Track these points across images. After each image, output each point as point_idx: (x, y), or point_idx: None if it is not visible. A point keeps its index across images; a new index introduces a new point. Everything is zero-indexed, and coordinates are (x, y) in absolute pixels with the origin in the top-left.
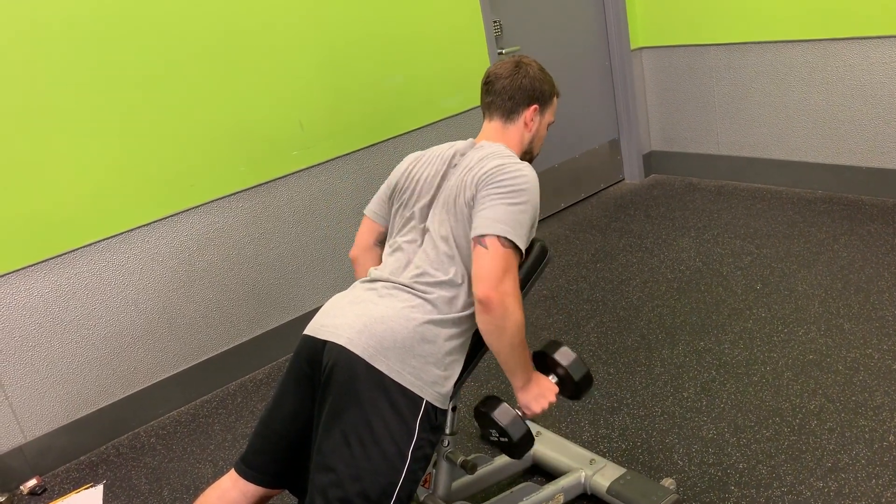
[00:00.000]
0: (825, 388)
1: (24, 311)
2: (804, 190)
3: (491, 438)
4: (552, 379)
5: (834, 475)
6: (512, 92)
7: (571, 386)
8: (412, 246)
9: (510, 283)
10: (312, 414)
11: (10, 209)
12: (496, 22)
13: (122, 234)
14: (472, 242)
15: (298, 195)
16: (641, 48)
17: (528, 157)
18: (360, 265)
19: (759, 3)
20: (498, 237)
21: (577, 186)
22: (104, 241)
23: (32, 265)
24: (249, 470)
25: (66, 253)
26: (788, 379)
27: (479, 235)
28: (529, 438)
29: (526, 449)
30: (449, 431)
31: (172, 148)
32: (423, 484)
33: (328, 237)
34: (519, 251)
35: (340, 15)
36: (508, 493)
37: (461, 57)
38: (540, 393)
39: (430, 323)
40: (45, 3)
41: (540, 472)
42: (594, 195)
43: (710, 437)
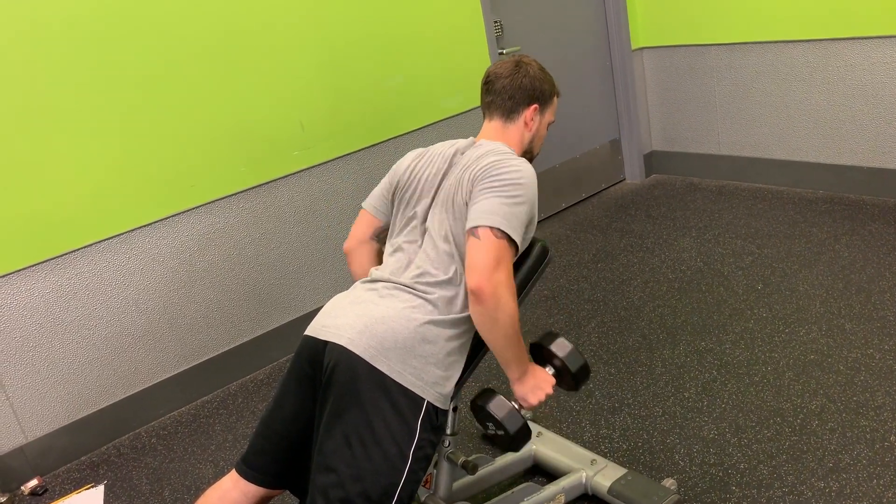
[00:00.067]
0: (826, 388)
1: (24, 311)
2: (805, 190)
3: (488, 432)
4: (549, 370)
5: (835, 475)
6: (512, 91)
7: (569, 377)
8: (413, 246)
9: (503, 273)
10: (313, 414)
11: (10, 209)
12: (497, 22)
13: (122, 234)
14: (465, 235)
15: (299, 195)
16: (642, 48)
17: (528, 156)
18: (354, 258)
19: (759, 3)
20: (490, 228)
21: (577, 186)
22: (105, 241)
23: (33, 265)
24: (250, 470)
25: (66, 253)
26: (790, 379)
27: (472, 227)
28: (526, 431)
29: (523, 442)
30: (450, 432)
31: (173, 148)
32: (424, 484)
33: (329, 237)
34: (514, 244)
35: (341, 15)
36: (509, 493)
37: (462, 57)
38: (536, 385)
39: (430, 323)
40: (44, 3)
41: (541, 472)
42: (595, 195)
43: (711, 437)
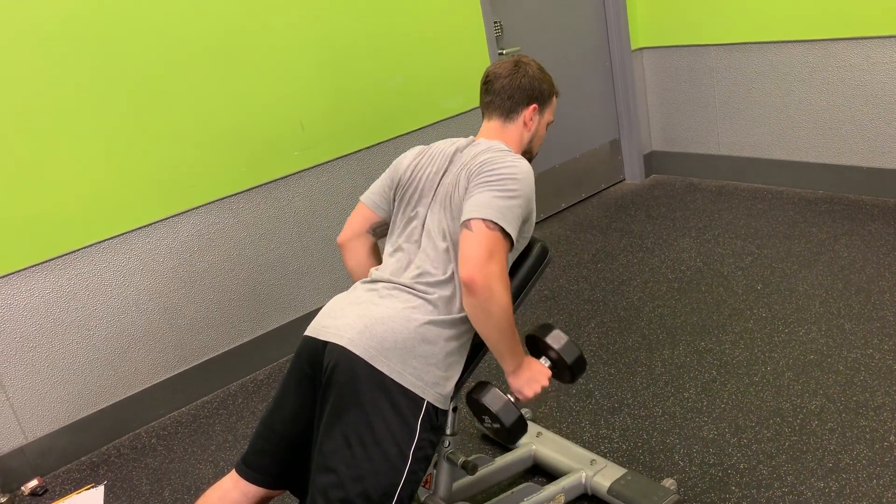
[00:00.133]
0: (826, 388)
1: (25, 311)
2: (805, 190)
3: (485, 425)
4: (545, 363)
5: (835, 475)
6: (511, 91)
7: (565, 369)
8: (413, 246)
9: (496, 265)
10: (313, 415)
11: (10, 210)
12: (497, 22)
13: (122, 234)
14: (460, 230)
15: (299, 196)
16: (642, 48)
17: (527, 156)
18: (349, 252)
19: (759, 3)
20: (483, 220)
21: (577, 187)
22: (105, 241)
23: (33, 266)
24: (250, 471)
25: (66, 254)
26: (789, 379)
27: (465, 220)
28: (522, 424)
29: (519, 434)
30: (450, 432)
31: (173, 148)
32: (423, 485)
33: (329, 238)
34: (508, 238)
35: (341, 15)
36: (509, 493)
37: (462, 57)
38: (532, 377)
39: (430, 324)
40: (44, 3)
41: (541, 472)
42: (595, 195)
43: (710, 437)
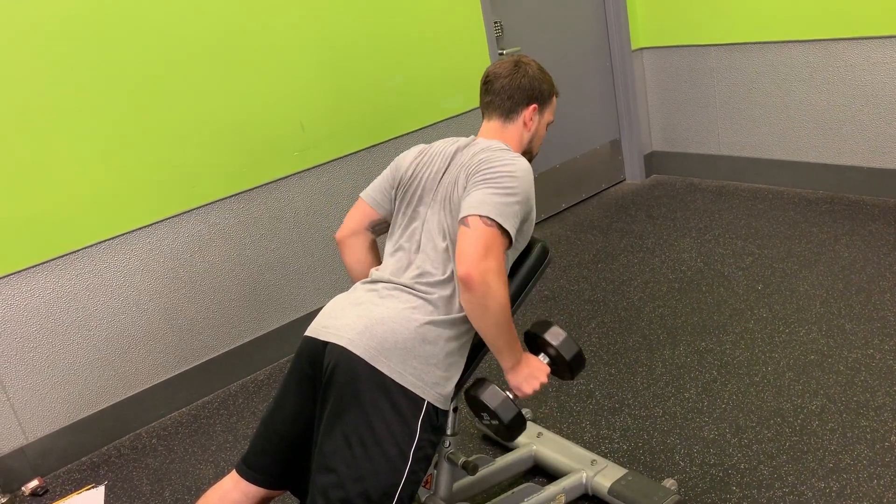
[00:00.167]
0: (826, 388)
1: (25, 312)
2: (805, 190)
3: (483, 422)
4: (543, 359)
5: (836, 476)
6: (511, 91)
7: (563, 366)
8: (413, 246)
9: (493, 261)
10: (314, 415)
11: (11, 210)
12: (497, 22)
13: (123, 235)
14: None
15: (299, 196)
16: (642, 48)
17: (527, 156)
18: (347, 248)
19: (759, 3)
20: (480, 216)
21: (578, 187)
22: (105, 242)
23: (33, 266)
24: (251, 471)
25: (67, 254)
26: (790, 379)
27: (462, 217)
28: (520, 420)
29: (517, 431)
30: (450, 432)
31: (173, 149)
32: (424, 485)
33: (329, 238)
34: (506, 235)
35: (341, 15)
36: (510, 493)
37: (462, 57)
38: (530, 374)
39: (430, 324)
40: (44, 3)
41: (541, 472)
42: (595, 196)
43: (711, 437)
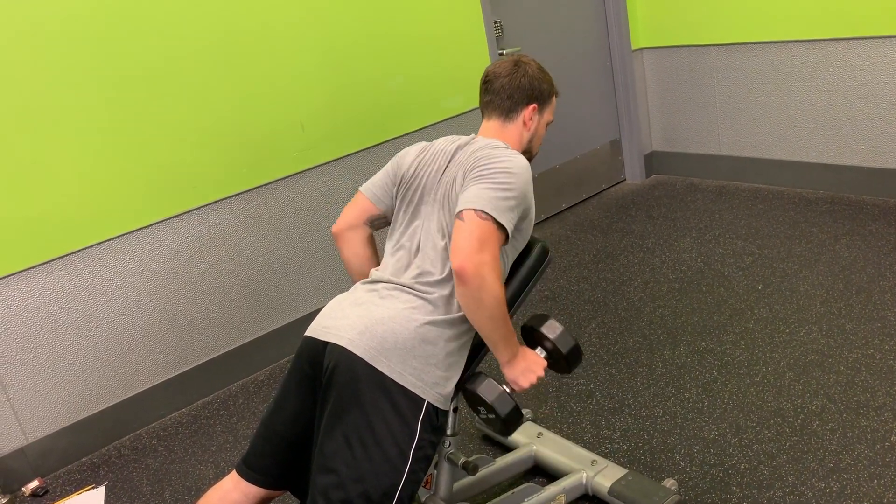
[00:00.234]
0: (827, 388)
1: (25, 312)
2: (805, 190)
3: (480, 416)
4: (540, 353)
5: (836, 476)
6: (510, 91)
7: (560, 360)
8: (414, 246)
9: (487, 254)
10: (314, 415)
11: (11, 211)
12: (497, 23)
13: (123, 235)
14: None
15: (300, 196)
16: (642, 49)
17: (527, 156)
18: (344, 242)
19: (759, 3)
20: (475, 210)
21: (578, 187)
22: (105, 242)
23: (34, 267)
24: (251, 471)
25: (67, 255)
26: (790, 379)
27: (457, 212)
28: (517, 414)
29: (514, 425)
30: (450, 432)
31: (173, 149)
32: (424, 485)
33: (329, 238)
34: (503, 229)
35: (341, 15)
36: (510, 493)
37: (462, 58)
38: (527, 367)
39: (430, 324)
40: (44, 3)
41: (541, 473)
42: (595, 196)
43: (711, 437)
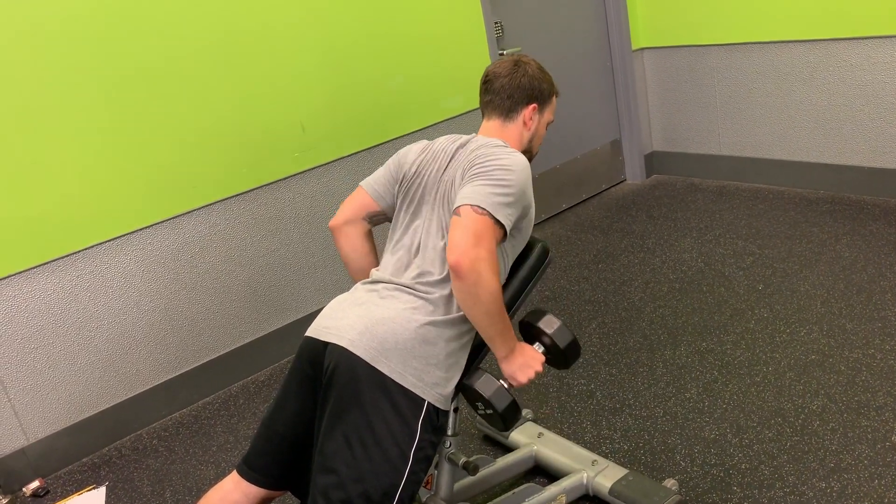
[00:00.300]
0: (827, 388)
1: (26, 313)
2: (806, 190)
3: (478, 412)
4: (538, 348)
5: (837, 476)
6: (511, 91)
7: (558, 355)
8: (414, 246)
9: (484, 250)
10: (314, 415)
11: (11, 211)
12: (497, 23)
13: (123, 236)
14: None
15: (300, 197)
16: (643, 49)
17: (527, 156)
18: (343, 236)
19: (759, 3)
20: (471, 206)
21: (578, 187)
22: (106, 243)
23: (34, 267)
24: (251, 471)
25: (67, 255)
26: (791, 379)
27: (454, 209)
28: (515, 409)
29: (512, 420)
30: (451, 433)
31: (174, 150)
32: (425, 485)
33: (330, 238)
34: (500, 225)
35: (341, 16)
36: (511, 494)
37: (462, 58)
38: (525, 363)
39: (431, 324)
40: (45, 3)
41: (542, 473)
42: (596, 196)
43: (712, 437)
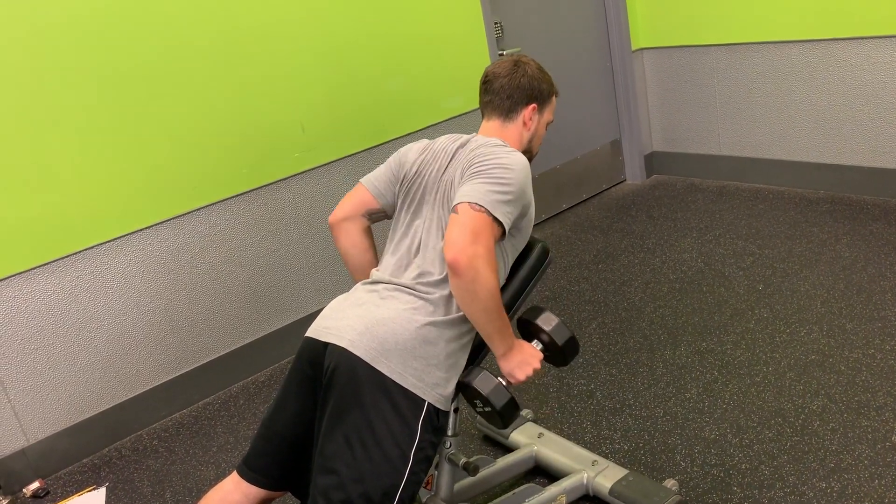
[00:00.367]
0: (827, 388)
1: (26, 313)
2: (806, 190)
3: (477, 410)
4: (536, 346)
5: (837, 476)
6: (510, 91)
7: (557, 352)
8: (414, 246)
9: (481, 247)
10: (315, 416)
11: (12, 212)
12: (497, 23)
13: (124, 236)
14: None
15: (300, 197)
16: (642, 49)
17: (527, 156)
18: (342, 232)
19: (759, 3)
20: (469, 203)
21: (578, 187)
22: (106, 243)
23: (35, 268)
24: (251, 472)
25: (68, 256)
26: (791, 379)
27: (452, 207)
28: (513, 406)
29: (511, 417)
30: (451, 433)
31: (174, 150)
32: (425, 486)
33: (330, 239)
34: (499, 223)
35: (341, 16)
36: (511, 494)
37: (462, 58)
38: (523, 360)
39: (431, 325)
40: (45, 4)
41: (542, 473)
42: (596, 196)
43: (712, 437)
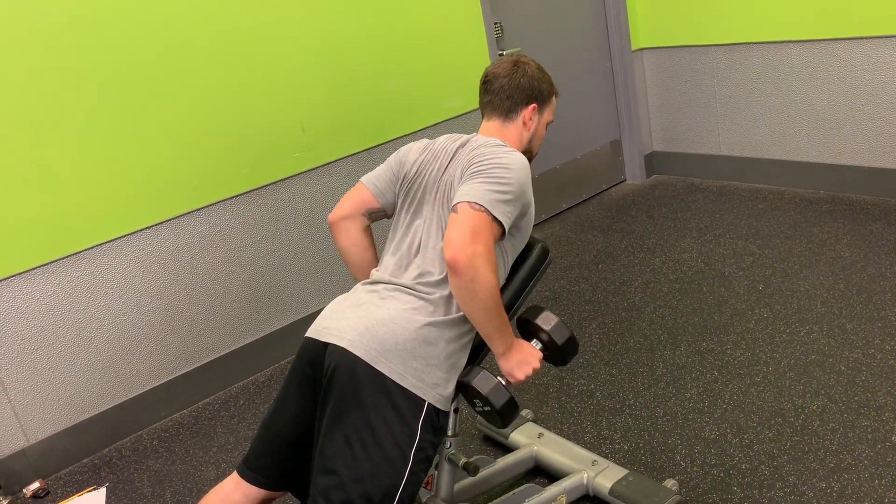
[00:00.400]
0: (827, 388)
1: (26, 314)
2: (806, 190)
3: (476, 409)
4: (536, 345)
5: (837, 476)
6: (510, 91)
7: (556, 351)
8: (414, 246)
9: (481, 246)
10: (315, 416)
11: (11, 212)
12: (497, 23)
13: (124, 236)
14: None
15: (300, 197)
16: (642, 49)
17: (527, 156)
18: (341, 230)
19: (759, 3)
20: (469, 202)
21: (578, 187)
22: (106, 243)
23: (35, 268)
24: (252, 472)
25: (68, 256)
26: (791, 379)
27: (452, 206)
28: (513, 405)
29: (510, 417)
30: (451, 433)
31: (174, 150)
32: (425, 486)
33: (330, 239)
34: (498, 223)
35: (341, 16)
36: (511, 494)
37: (462, 58)
38: (523, 359)
39: (431, 325)
40: (45, 4)
41: (542, 473)
42: (595, 196)
43: (712, 437)
